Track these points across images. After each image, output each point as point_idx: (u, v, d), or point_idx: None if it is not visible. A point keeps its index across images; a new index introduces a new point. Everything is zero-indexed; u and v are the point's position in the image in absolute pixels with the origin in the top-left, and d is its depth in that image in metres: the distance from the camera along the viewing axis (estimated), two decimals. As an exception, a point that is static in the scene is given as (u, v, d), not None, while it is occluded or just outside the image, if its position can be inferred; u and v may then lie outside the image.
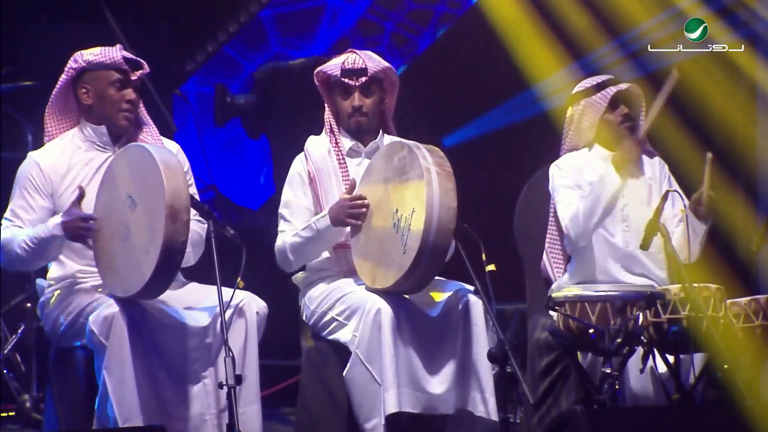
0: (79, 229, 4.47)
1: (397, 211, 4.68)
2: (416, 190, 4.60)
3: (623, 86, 5.20)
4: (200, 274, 4.75)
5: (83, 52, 4.73)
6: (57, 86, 4.73)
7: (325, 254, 4.97)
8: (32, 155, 4.73)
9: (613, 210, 5.10)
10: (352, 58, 4.99)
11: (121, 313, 4.40)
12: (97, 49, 4.73)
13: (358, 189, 4.88)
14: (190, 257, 4.67)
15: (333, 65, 5.01)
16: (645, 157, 5.29)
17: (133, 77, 4.73)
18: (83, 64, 4.69)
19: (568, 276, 5.17)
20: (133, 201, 4.42)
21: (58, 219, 4.51)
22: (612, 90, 5.17)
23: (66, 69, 4.72)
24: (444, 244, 4.57)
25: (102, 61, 4.70)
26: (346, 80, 4.97)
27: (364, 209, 4.78)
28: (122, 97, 4.71)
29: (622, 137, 5.15)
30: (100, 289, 4.58)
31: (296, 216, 4.92)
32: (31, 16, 7.31)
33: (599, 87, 5.20)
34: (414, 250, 4.54)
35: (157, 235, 4.29)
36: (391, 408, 4.56)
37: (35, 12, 7.32)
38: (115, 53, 4.71)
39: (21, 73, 7.03)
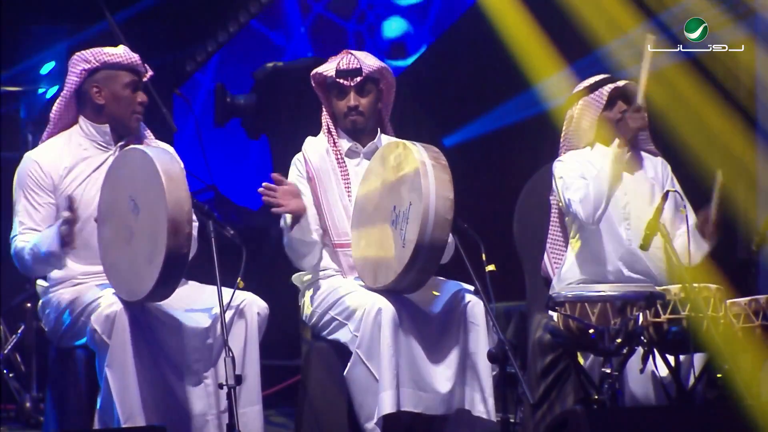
0: (64, 236, 4.44)
1: (395, 208, 4.68)
2: (412, 183, 4.60)
3: (620, 83, 5.22)
4: (200, 274, 4.75)
5: (93, 51, 4.70)
6: (68, 85, 4.70)
7: (325, 254, 4.97)
8: (29, 155, 4.72)
9: (616, 208, 5.12)
10: (346, 59, 5.00)
11: (123, 312, 4.40)
12: (110, 49, 4.71)
13: (358, 191, 4.89)
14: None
15: (328, 66, 5.02)
16: (648, 157, 5.31)
17: (144, 79, 4.74)
18: (97, 63, 4.68)
19: (568, 272, 5.17)
20: (136, 205, 4.41)
21: (53, 235, 4.46)
22: (609, 87, 5.20)
23: (77, 70, 4.67)
24: (442, 236, 4.56)
25: (119, 62, 4.69)
26: (341, 81, 4.98)
27: (276, 196, 4.74)
28: (135, 98, 4.71)
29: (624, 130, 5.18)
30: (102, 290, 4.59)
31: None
32: (31, 16, 7.31)
33: (596, 86, 5.22)
34: (412, 242, 4.54)
35: (160, 247, 4.29)
36: (388, 408, 4.56)
37: (35, 12, 7.32)
38: (131, 54, 4.71)
39: (20, 73, 7.03)
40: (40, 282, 4.77)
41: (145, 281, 4.35)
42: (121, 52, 4.71)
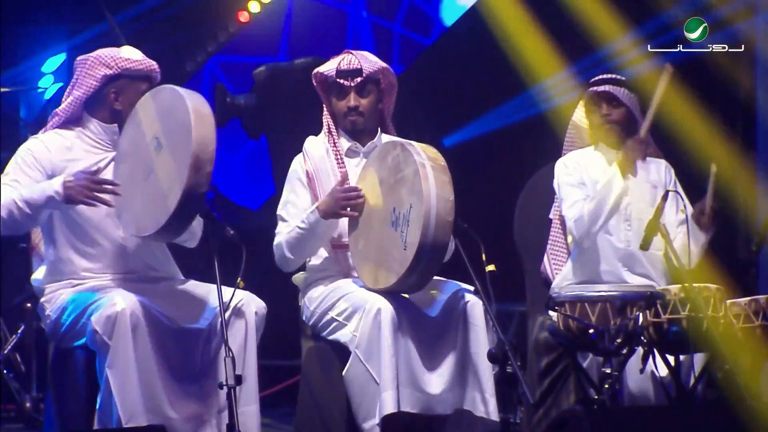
0: (85, 189, 4.38)
1: (394, 209, 4.68)
2: (412, 185, 4.60)
3: (599, 88, 5.20)
4: (200, 273, 4.75)
5: (114, 55, 4.67)
6: (85, 87, 4.65)
7: (325, 255, 4.97)
8: (36, 137, 4.69)
9: (618, 212, 5.11)
10: (347, 59, 4.99)
11: (124, 312, 4.39)
12: (131, 54, 4.68)
13: None
14: (197, 231, 4.68)
15: (329, 66, 5.01)
16: (652, 160, 5.30)
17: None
18: (119, 70, 4.65)
19: (568, 273, 5.17)
20: (159, 143, 4.41)
21: (59, 179, 4.43)
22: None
23: (98, 74, 4.63)
24: (444, 237, 4.56)
25: (140, 70, 4.68)
26: (341, 81, 4.98)
27: (360, 199, 4.78)
28: None
29: (610, 135, 5.18)
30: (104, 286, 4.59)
31: (294, 216, 4.92)
32: (31, 17, 7.32)
33: (592, 85, 5.24)
34: (414, 245, 4.54)
35: (179, 183, 4.28)
36: (389, 408, 4.55)
37: (35, 12, 7.33)
38: (151, 63, 4.70)
39: (20, 73, 7.04)
40: (36, 275, 4.75)
41: (157, 217, 4.35)
42: (142, 59, 4.69)
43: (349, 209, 4.78)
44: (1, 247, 6.42)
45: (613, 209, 5.06)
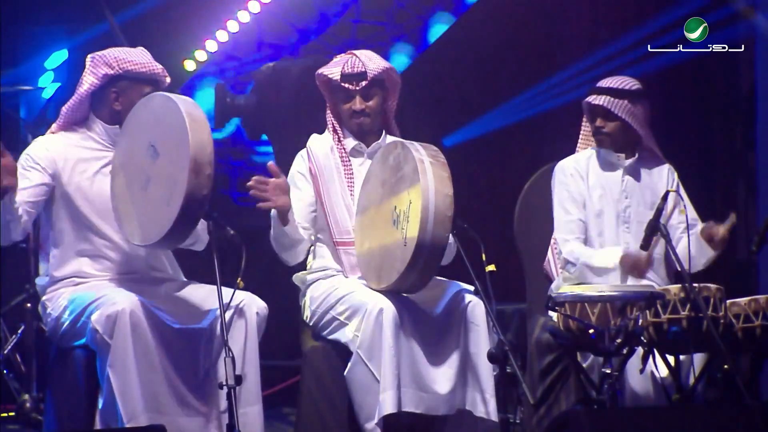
0: None
1: (395, 208, 4.68)
2: (411, 182, 4.60)
3: (595, 101, 5.18)
4: (200, 274, 4.75)
5: (117, 56, 4.67)
6: (86, 85, 4.66)
7: (326, 254, 4.97)
8: (39, 139, 4.70)
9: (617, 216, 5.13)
10: (351, 62, 4.98)
11: (125, 312, 4.40)
12: (135, 56, 4.68)
13: (360, 195, 4.89)
14: (202, 235, 4.68)
15: (333, 68, 5.00)
16: (654, 163, 5.28)
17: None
18: (120, 71, 4.65)
19: (568, 274, 5.18)
20: (156, 150, 4.41)
21: None
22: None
23: (99, 73, 4.64)
24: (443, 232, 4.54)
25: (142, 72, 4.67)
26: (347, 85, 4.97)
27: (266, 192, 4.71)
28: None
29: (602, 145, 5.18)
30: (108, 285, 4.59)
31: (297, 213, 4.91)
32: (31, 17, 7.32)
33: (594, 93, 5.23)
34: (414, 240, 4.53)
35: (180, 187, 4.28)
36: (389, 409, 4.55)
37: (35, 12, 7.32)
38: (154, 65, 4.69)
39: (21, 73, 7.03)
40: (39, 280, 4.76)
41: (161, 223, 4.34)
42: (146, 62, 4.68)
43: (264, 202, 4.73)
44: (1, 247, 6.42)
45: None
